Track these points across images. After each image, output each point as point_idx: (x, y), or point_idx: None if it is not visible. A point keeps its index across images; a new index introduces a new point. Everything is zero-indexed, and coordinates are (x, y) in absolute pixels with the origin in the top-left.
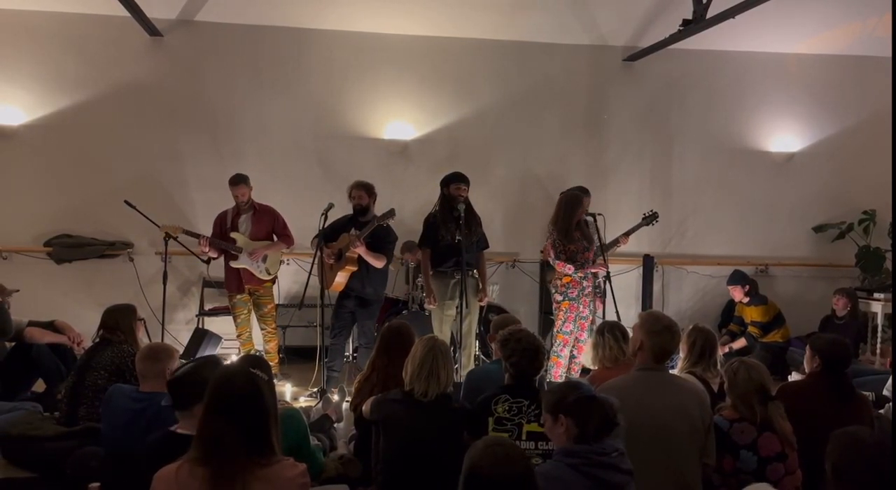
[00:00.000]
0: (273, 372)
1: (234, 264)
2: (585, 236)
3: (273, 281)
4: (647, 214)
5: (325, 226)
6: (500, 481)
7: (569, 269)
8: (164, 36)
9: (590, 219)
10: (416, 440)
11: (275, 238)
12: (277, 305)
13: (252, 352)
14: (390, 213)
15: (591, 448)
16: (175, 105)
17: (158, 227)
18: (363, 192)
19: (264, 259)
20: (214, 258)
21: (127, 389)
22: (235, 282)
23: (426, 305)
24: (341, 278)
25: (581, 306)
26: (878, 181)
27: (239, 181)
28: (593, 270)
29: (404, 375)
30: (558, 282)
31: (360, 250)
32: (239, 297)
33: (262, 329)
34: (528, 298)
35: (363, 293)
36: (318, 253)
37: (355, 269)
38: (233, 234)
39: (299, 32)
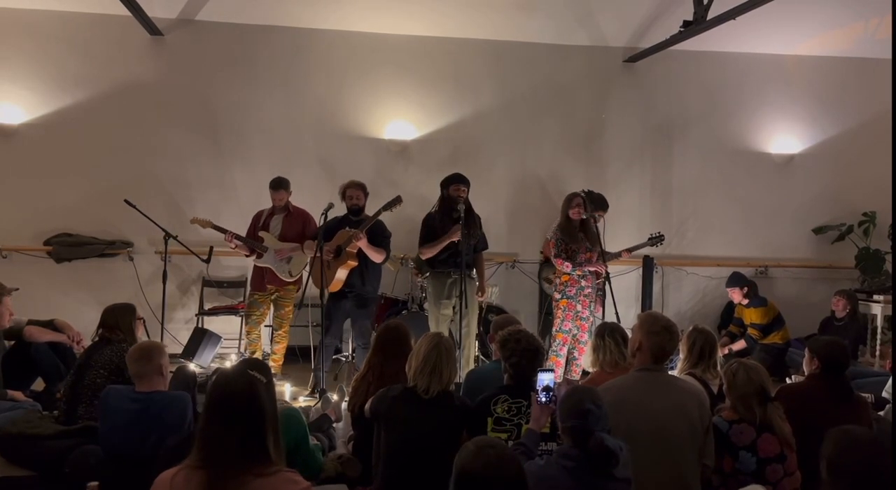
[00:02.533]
0: (274, 372)
1: (257, 263)
2: (589, 238)
3: (296, 284)
4: (653, 235)
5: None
6: (493, 484)
7: (567, 266)
8: (164, 35)
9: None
10: (417, 437)
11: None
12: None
13: (257, 353)
14: (397, 200)
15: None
16: (175, 104)
17: (160, 227)
18: (360, 192)
19: (288, 261)
20: (247, 255)
21: (124, 390)
22: (258, 280)
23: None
24: (342, 275)
25: (580, 306)
26: (878, 183)
27: (279, 187)
28: (591, 268)
29: (407, 370)
30: (556, 280)
31: (362, 244)
32: (258, 295)
33: (274, 329)
34: (528, 299)
35: (363, 291)
36: (318, 252)
37: (356, 264)
38: (261, 233)
39: (300, 32)
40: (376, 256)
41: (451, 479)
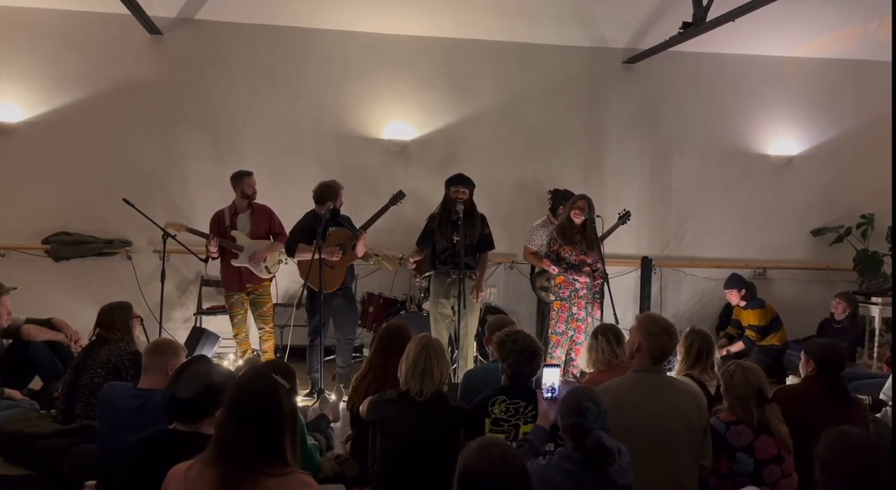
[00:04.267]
0: None
1: (234, 263)
2: (587, 241)
3: (271, 280)
4: (620, 214)
5: (296, 229)
6: (496, 483)
7: (553, 269)
8: (164, 34)
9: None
10: (413, 440)
11: (271, 238)
12: (275, 305)
13: (249, 352)
14: (400, 195)
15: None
16: (174, 104)
17: (159, 227)
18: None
19: (264, 258)
20: (215, 258)
21: (124, 387)
22: (235, 280)
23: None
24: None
25: (575, 308)
26: (877, 185)
27: (250, 174)
28: (575, 276)
29: (399, 375)
30: (550, 282)
31: (363, 242)
32: (237, 296)
33: (259, 328)
34: (526, 299)
35: (350, 286)
36: (319, 253)
37: (355, 260)
38: (233, 233)
39: (299, 32)
40: (361, 250)
41: (455, 479)
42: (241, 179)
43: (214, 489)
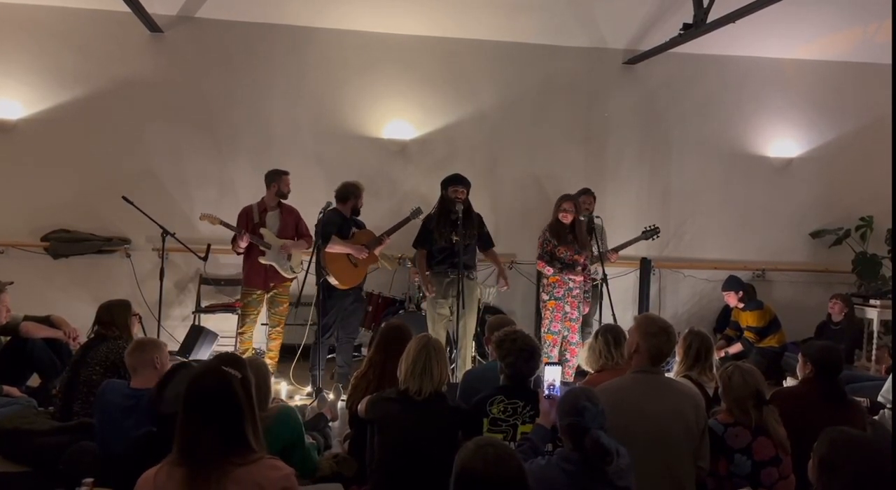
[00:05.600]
0: (271, 370)
1: (262, 260)
2: (579, 240)
3: (293, 280)
4: (647, 228)
5: (324, 225)
6: (492, 482)
7: (548, 270)
8: (164, 32)
9: (597, 221)
10: (412, 439)
11: (295, 239)
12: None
13: (250, 351)
14: (419, 211)
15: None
16: (174, 102)
17: (158, 225)
18: None
19: (289, 258)
20: (241, 254)
21: (119, 385)
22: (260, 278)
23: (427, 295)
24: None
25: (568, 307)
26: (876, 187)
27: (288, 172)
28: (570, 276)
29: (399, 374)
30: (544, 281)
31: (383, 247)
32: (257, 294)
33: (272, 326)
34: (525, 299)
35: (363, 285)
36: (317, 252)
37: (375, 261)
38: (262, 231)
39: (300, 30)
40: (378, 253)
41: (452, 478)
42: (279, 177)
43: (185, 488)
